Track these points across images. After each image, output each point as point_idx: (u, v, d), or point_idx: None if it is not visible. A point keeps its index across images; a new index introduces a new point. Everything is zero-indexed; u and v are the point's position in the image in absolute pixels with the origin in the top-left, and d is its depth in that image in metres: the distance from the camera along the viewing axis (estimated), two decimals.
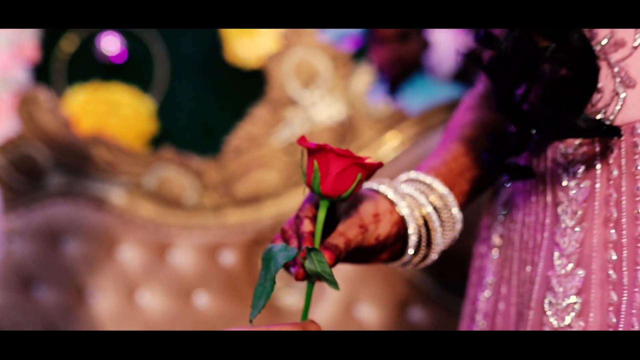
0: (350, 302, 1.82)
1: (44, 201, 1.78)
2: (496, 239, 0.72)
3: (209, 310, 1.83)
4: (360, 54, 2.57)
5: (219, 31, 2.81)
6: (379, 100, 1.97)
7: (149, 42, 2.92)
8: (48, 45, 2.89)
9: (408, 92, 2.27)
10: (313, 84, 1.89)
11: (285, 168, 1.87)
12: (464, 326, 0.77)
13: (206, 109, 3.00)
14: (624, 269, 0.55)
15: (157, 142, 2.93)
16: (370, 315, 1.80)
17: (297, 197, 1.83)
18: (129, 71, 2.90)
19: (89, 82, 2.87)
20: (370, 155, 1.84)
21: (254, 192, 1.87)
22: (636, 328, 0.52)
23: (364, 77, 1.87)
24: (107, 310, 1.82)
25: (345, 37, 2.52)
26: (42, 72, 2.91)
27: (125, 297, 1.83)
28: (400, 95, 2.27)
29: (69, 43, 2.86)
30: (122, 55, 2.82)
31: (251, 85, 2.88)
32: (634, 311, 0.54)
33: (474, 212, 0.85)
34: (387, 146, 1.83)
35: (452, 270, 1.38)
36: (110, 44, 2.77)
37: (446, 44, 2.34)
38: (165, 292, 1.84)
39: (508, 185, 0.69)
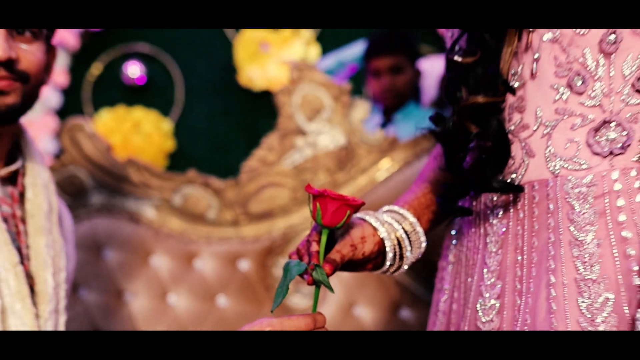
0: (350, 304, 1.98)
1: (87, 216, 1.94)
2: (451, 257, 0.96)
3: (229, 310, 1.99)
4: (357, 87, 2.78)
5: (233, 58, 3.04)
6: (375, 129, 2.15)
7: (167, 67, 3.12)
8: (75, 71, 3.11)
9: (400, 120, 2.45)
10: (317, 115, 2.04)
11: (294, 188, 2.03)
12: (430, 321, 1.01)
13: (220, 126, 3.17)
14: (524, 281, 0.80)
15: (173, 157, 3.14)
16: (367, 315, 1.97)
17: (303, 213, 2.00)
18: (149, 94, 3.09)
19: (114, 104, 3.09)
20: (367, 176, 2.02)
21: (267, 208, 2.03)
22: (529, 322, 0.77)
23: (362, 109, 2.02)
24: (142, 309, 1.97)
25: (343, 70, 2.74)
26: (71, 95, 3.10)
27: (158, 298, 1.98)
28: (394, 123, 2.46)
29: (95, 68, 3.07)
30: (142, 79, 3.07)
31: (261, 104, 3.05)
32: (527, 310, 0.79)
33: (439, 236, 1.10)
34: (382, 169, 1.99)
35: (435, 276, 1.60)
36: (133, 68, 3.02)
37: (431, 72, 2.53)
38: (191, 294, 2.00)
39: (458, 219, 0.94)
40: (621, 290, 0.75)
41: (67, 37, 2.96)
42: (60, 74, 3.05)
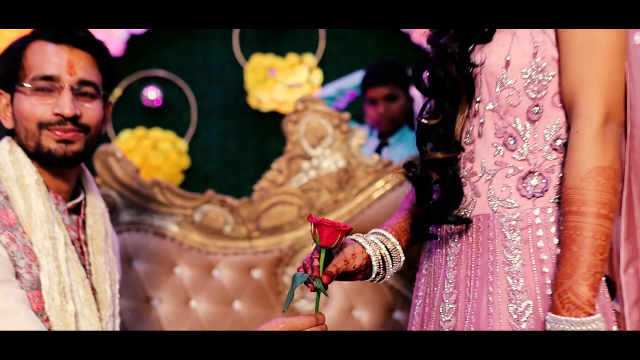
0: (350, 307, 2.13)
1: (118, 232, 2.02)
2: (424, 271, 1.19)
3: (244, 313, 2.13)
4: (358, 111, 2.92)
5: (244, 83, 3.24)
6: (372, 152, 2.30)
7: (182, 91, 3.34)
8: None
9: (394, 144, 2.60)
10: (321, 141, 2.17)
11: (300, 205, 2.17)
12: (410, 323, 1.23)
13: (232, 145, 3.37)
14: (472, 291, 1.04)
15: (188, 173, 3.33)
16: (365, 317, 2.13)
17: (308, 227, 1.97)
18: (166, 115, 3.30)
19: (133, 125, 3.29)
20: (365, 194, 2.16)
21: (277, 223, 2.16)
22: (474, 321, 1.00)
23: (359, 136, 2.16)
24: (167, 314, 2.11)
25: (344, 97, 2.88)
26: None
27: (181, 304, 2.12)
28: (389, 146, 2.60)
29: (115, 92, 3.26)
30: (160, 102, 3.30)
31: (269, 124, 3.29)
32: (473, 312, 1.02)
33: (417, 253, 1.32)
34: (378, 189, 2.13)
35: None
36: (151, 92, 3.25)
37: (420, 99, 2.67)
38: (211, 300, 2.13)
39: (428, 241, 1.18)
40: (538, 298, 0.97)
41: None
42: None
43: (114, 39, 3.12)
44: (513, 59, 1.02)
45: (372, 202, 2.15)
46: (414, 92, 2.64)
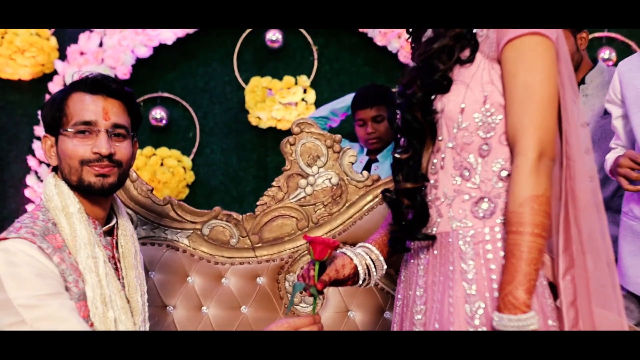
0: (345, 309, 2.23)
1: None
2: (402, 277, 1.39)
3: (250, 317, 2.23)
4: (351, 130, 3.03)
5: (244, 103, 3.36)
6: (361, 169, 2.41)
7: (187, 111, 3.48)
8: None
9: (382, 161, 2.70)
10: (316, 160, 2.26)
11: (298, 218, 2.25)
12: (392, 321, 1.43)
13: (233, 160, 3.49)
14: (437, 294, 1.23)
15: (192, 187, 3.47)
16: (358, 317, 2.23)
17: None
18: (171, 134, 3.46)
19: (141, 143, 3.40)
20: (356, 208, 2.24)
21: (277, 235, 2.25)
22: (438, 319, 1.18)
23: (350, 155, 2.25)
24: (181, 319, 2.22)
25: (336, 117, 2.97)
26: None
27: (194, 309, 2.22)
28: (378, 163, 2.71)
29: None
30: (166, 121, 3.44)
31: (268, 139, 3.44)
32: (437, 313, 1.20)
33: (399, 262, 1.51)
34: (367, 203, 2.22)
35: None
36: (158, 112, 3.40)
37: None
38: (220, 305, 2.23)
39: (405, 253, 1.39)
40: (488, 300, 1.17)
41: None
42: None
43: (122, 65, 3.25)
44: (467, 106, 1.21)
45: (363, 214, 2.24)
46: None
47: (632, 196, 1.98)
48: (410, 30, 1.35)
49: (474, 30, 1.24)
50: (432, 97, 1.25)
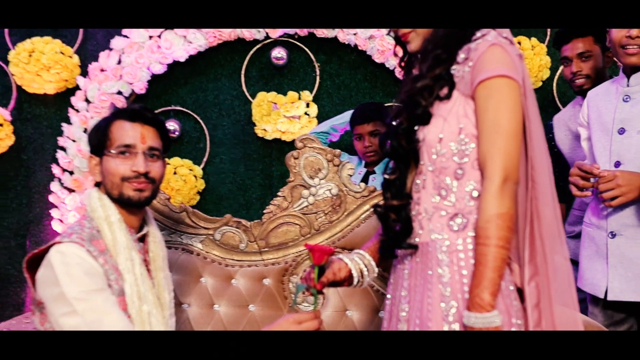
0: (343, 308, 2.35)
1: None
2: (391, 280, 1.56)
3: (257, 314, 2.35)
4: (348, 145, 3.14)
5: (251, 116, 3.39)
6: (359, 180, 2.52)
7: (197, 123, 3.50)
8: None
9: (379, 173, 2.78)
10: (317, 173, 2.38)
11: (301, 225, 2.37)
12: (383, 318, 1.60)
13: (241, 169, 3.52)
14: (417, 295, 1.39)
15: (203, 194, 3.48)
16: (355, 316, 2.34)
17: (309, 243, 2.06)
18: (183, 144, 3.49)
19: None
20: (354, 216, 2.35)
21: (282, 240, 2.38)
22: (419, 315, 1.36)
23: (349, 168, 2.38)
24: (195, 315, 2.34)
25: (336, 132, 3.06)
26: None
27: (206, 307, 2.35)
28: (375, 174, 2.80)
29: None
30: (175, 132, 3.48)
31: (273, 150, 3.48)
32: (418, 311, 1.37)
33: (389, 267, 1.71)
34: (364, 212, 2.34)
35: None
36: (171, 124, 3.45)
37: None
38: (230, 304, 2.36)
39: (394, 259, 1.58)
40: (460, 301, 1.32)
41: (118, 101, 3.31)
42: None
43: (138, 81, 3.30)
44: (444, 136, 1.37)
45: (360, 222, 2.37)
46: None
47: (591, 207, 2.17)
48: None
49: (451, 71, 1.40)
50: (415, 128, 1.41)
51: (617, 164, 2.05)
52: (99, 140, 1.63)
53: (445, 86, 1.39)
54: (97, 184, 1.69)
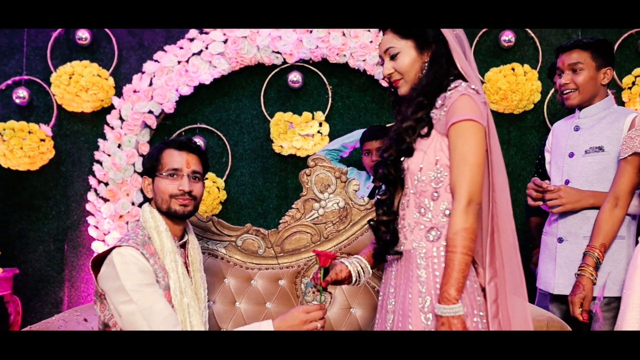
0: (348, 306, 2.52)
1: None
2: (383, 280, 1.83)
3: (273, 311, 2.52)
4: (357, 160, 3.32)
5: (270, 133, 3.55)
6: (364, 195, 2.67)
7: (220, 139, 3.68)
8: (154, 143, 3.62)
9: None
10: (327, 188, 2.57)
11: (312, 234, 2.56)
12: (377, 313, 1.87)
13: (259, 181, 3.71)
14: (401, 293, 1.68)
15: (225, 204, 3.66)
16: (359, 313, 2.50)
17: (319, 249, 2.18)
18: (208, 159, 3.56)
19: None
20: (358, 226, 2.53)
21: (296, 247, 2.56)
22: (401, 312, 1.64)
23: (355, 184, 2.58)
24: (219, 312, 2.51)
25: (346, 149, 3.25)
26: None
27: (229, 304, 2.53)
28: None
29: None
30: (202, 148, 3.65)
31: (288, 165, 3.67)
32: (401, 307, 1.65)
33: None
34: (367, 222, 2.36)
35: None
36: (196, 141, 3.63)
37: None
38: (250, 301, 2.53)
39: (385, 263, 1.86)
40: (433, 296, 1.58)
41: (149, 119, 3.59)
42: (143, 145, 3.63)
43: (168, 101, 3.54)
44: (424, 166, 1.63)
45: (363, 232, 2.56)
46: None
47: (548, 219, 2.50)
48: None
49: (431, 114, 1.66)
50: (402, 159, 1.68)
51: (567, 182, 2.40)
52: (152, 164, 1.93)
53: (426, 126, 1.66)
54: (149, 200, 1.97)
